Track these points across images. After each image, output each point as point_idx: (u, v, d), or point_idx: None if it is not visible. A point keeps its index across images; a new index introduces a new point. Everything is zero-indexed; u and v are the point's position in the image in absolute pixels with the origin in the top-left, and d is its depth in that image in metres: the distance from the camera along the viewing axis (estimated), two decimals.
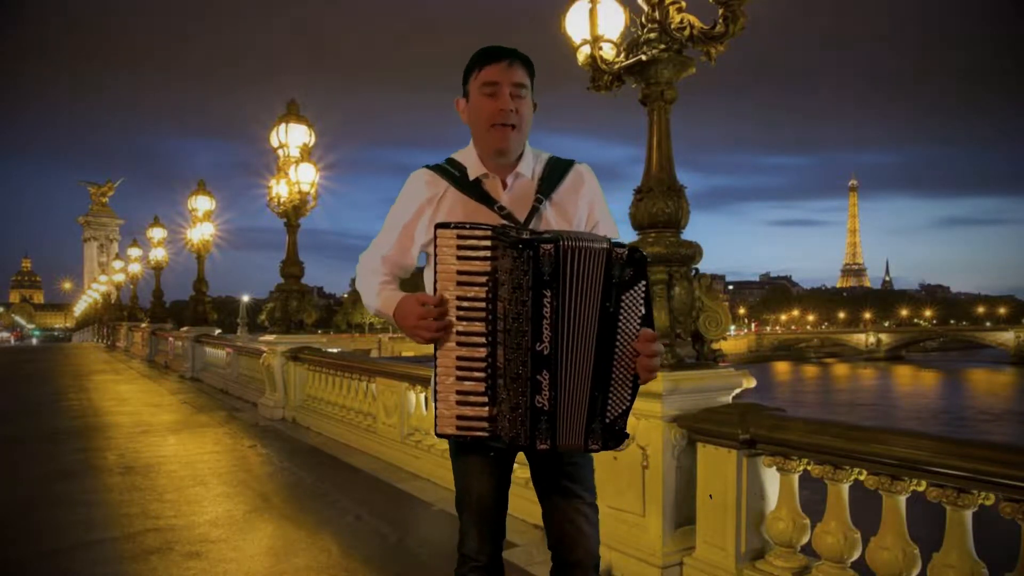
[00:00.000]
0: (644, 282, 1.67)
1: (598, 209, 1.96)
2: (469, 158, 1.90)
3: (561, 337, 1.64)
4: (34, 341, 66.00)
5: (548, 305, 1.63)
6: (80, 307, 58.67)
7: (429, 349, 1.73)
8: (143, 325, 20.75)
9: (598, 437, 1.70)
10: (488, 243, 1.63)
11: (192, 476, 5.51)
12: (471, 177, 1.87)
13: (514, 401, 1.66)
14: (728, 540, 3.09)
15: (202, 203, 15.13)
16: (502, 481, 1.96)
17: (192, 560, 3.63)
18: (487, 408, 1.67)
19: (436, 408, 1.70)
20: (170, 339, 16.66)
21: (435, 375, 1.70)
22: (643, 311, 1.69)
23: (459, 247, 1.64)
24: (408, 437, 5.89)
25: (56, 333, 78.67)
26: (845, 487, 2.79)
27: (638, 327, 1.68)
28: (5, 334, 79.52)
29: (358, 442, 6.67)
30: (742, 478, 3.09)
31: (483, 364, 1.66)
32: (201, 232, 14.98)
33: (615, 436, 1.71)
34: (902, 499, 2.58)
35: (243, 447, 6.83)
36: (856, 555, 2.77)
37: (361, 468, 5.89)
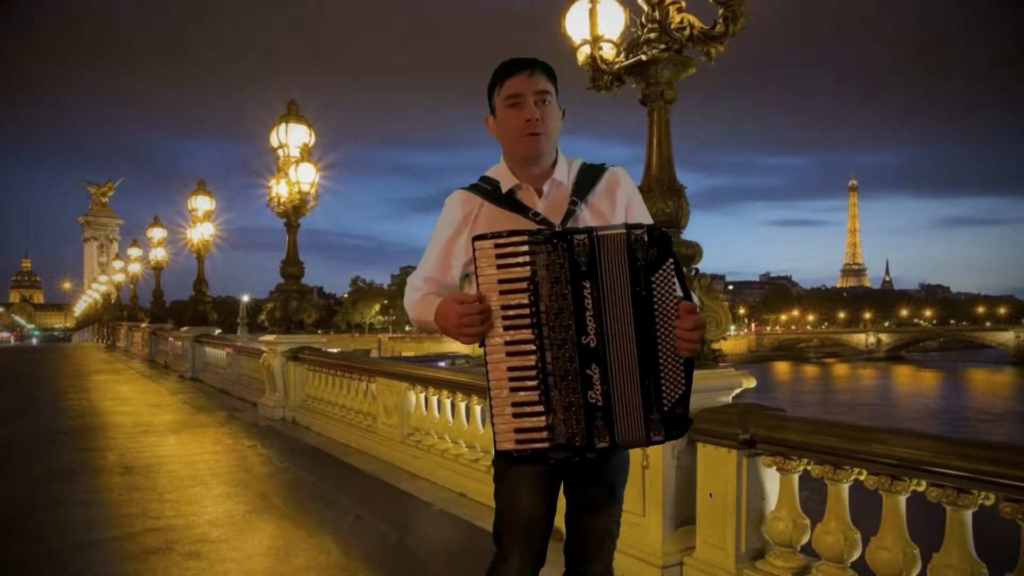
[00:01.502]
0: (672, 259, 1.65)
1: (636, 208, 1.96)
2: (501, 172, 1.91)
3: (605, 328, 1.62)
4: (34, 341, 66.00)
5: (589, 296, 1.61)
6: (80, 307, 58.59)
7: (429, 349, 1.75)
8: (143, 325, 20.75)
9: (659, 427, 1.65)
10: (526, 248, 1.62)
11: (192, 476, 5.50)
12: (504, 190, 1.88)
13: (567, 400, 1.63)
14: (728, 540, 3.09)
15: (202, 203, 15.13)
16: (553, 496, 1.91)
17: (192, 560, 3.64)
18: (544, 417, 1.64)
19: (493, 424, 1.66)
20: (170, 339, 16.66)
21: (489, 389, 1.66)
22: (677, 292, 1.66)
23: (498, 255, 1.63)
24: (408, 437, 5.89)
25: (56, 333, 78.49)
26: (845, 487, 2.79)
27: (675, 307, 1.65)
28: (5, 334, 79.50)
29: (358, 442, 6.67)
30: (742, 478, 3.09)
31: (534, 371, 1.64)
32: (201, 232, 14.98)
33: (677, 423, 1.66)
34: (902, 499, 2.58)
35: (243, 447, 6.83)
36: (856, 555, 2.77)
37: (361, 468, 5.89)
